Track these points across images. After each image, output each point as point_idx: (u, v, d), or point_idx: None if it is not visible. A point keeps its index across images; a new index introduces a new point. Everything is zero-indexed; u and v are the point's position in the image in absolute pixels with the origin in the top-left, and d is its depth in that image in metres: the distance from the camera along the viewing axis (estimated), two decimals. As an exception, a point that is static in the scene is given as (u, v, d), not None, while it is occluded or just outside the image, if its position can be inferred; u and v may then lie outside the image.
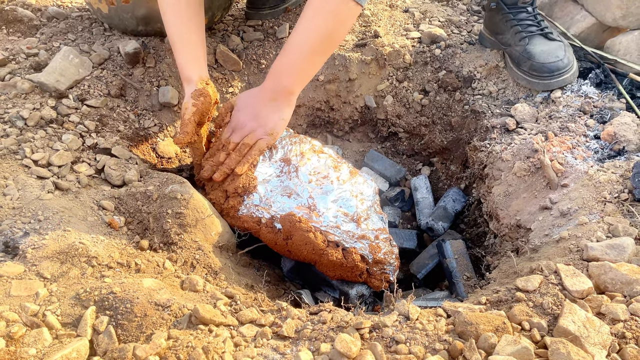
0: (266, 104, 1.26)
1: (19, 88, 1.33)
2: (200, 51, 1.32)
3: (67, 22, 1.64)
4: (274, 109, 1.26)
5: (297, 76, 1.24)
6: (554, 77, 1.48)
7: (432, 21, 1.87)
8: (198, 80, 1.28)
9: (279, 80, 1.24)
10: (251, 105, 1.28)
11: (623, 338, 0.76)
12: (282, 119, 1.27)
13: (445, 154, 1.78)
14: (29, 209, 1.02)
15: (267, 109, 1.26)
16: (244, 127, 1.27)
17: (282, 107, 1.26)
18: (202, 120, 1.27)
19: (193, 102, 1.24)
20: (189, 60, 1.29)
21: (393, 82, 1.75)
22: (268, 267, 1.35)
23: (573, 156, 1.26)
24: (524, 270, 0.97)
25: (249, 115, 1.27)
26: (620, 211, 1.06)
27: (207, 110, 1.28)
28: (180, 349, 0.76)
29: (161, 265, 1.02)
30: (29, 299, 0.83)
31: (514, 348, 0.73)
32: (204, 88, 1.27)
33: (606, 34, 1.70)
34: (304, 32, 1.19)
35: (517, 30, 1.54)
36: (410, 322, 0.83)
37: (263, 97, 1.27)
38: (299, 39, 1.20)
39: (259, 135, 1.26)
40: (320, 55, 1.23)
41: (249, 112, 1.28)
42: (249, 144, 1.26)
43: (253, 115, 1.27)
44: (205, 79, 1.30)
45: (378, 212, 1.31)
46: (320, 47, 1.20)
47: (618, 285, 0.85)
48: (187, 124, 1.23)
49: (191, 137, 1.23)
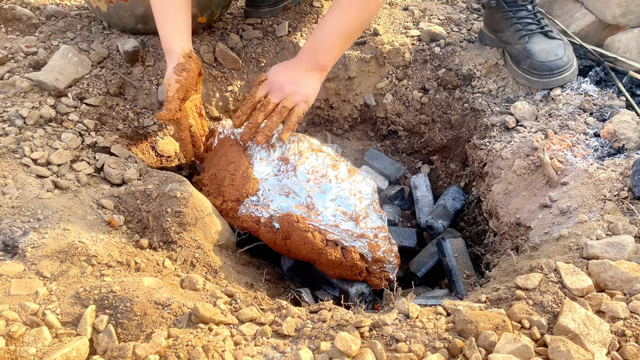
0: (302, 72, 1.32)
1: (18, 87, 1.33)
2: (183, 22, 1.30)
3: (66, 21, 1.64)
4: (310, 79, 1.32)
5: (330, 54, 1.33)
6: (554, 75, 1.48)
7: (432, 19, 1.87)
8: (180, 53, 1.26)
9: (315, 56, 1.32)
10: (288, 72, 1.32)
11: (623, 336, 0.76)
12: (315, 90, 1.34)
13: (445, 152, 1.78)
14: (29, 208, 1.02)
15: (304, 77, 1.32)
16: (283, 88, 1.29)
17: (315, 79, 1.33)
18: (186, 96, 1.26)
19: (176, 78, 1.22)
20: (171, 32, 1.28)
21: (393, 80, 1.74)
22: (268, 265, 1.35)
23: (573, 154, 1.26)
24: (524, 269, 0.97)
25: (288, 79, 1.30)
26: (620, 209, 1.06)
27: (191, 85, 1.27)
28: (180, 347, 0.76)
29: (161, 264, 1.02)
30: (29, 298, 0.83)
31: (513, 346, 0.73)
32: (187, 62, 1.25)
33: (606, 31, 1.70)
34: (339, 18, 1.29)
35: (516, 28, 1.54)
36: (410, 320, 0.83)
37: (299, 67, 1.33)
38: (335, 24, 1.30)
39: (298, 100, 1.29)
40: (351, 39, 1.37)
41: (287, 76, 1.31)
42: (288, 107, 1.28)
43: (292, 79, 1.30)
44: (188, 51, 1.28)
45: (377, 211, 1.31)
46: (351, 32, 1.33)
47: (618, 283, 0.85)
48: (171, 101, 1.21)
49: (174, 114, 1.21)
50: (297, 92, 1.29)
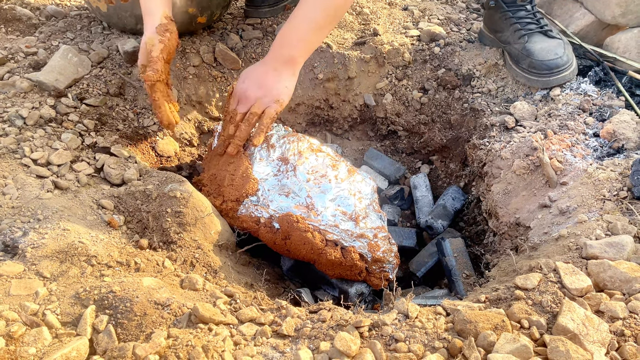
0: (270, 73, 1.27)
1: (18, 87, 1.33)
2: None
3: (66, 21, 1.64)
4: (277, 78, 1.26)
5: (302, 47, 1.27)
6: (553, 74, 1.48)
7: (432, 19, 1.87)
8: (162, 15, 1.24)
9: (284, 50, 1.26)
10: (254, 76, 1.28)
11: (622, 336, 0.76)
12: (287, 87, 1.27)
13: (444, 152, 1.78)
14: (28, 208, 1.02)
15: (271, 78, 1.26)
16: (248, 96, 1.27)
17: (285, 76, 1.27)
18: (168, 58, 1.25)
19: (160, 39, 1.22)
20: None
21: (392, 80, 1.74)
22: (267, 265, 1.35)
23: (572, 154, 1.26)
24: (523, 269, 0.97)
25: (253, 85, 1.27)
26: (619, 209, 1.06)
27: (173, 47, 1.26)
28: (180, 347, 0.76)
29: (161, 264, 1.02)
30: (29, 298, 0.83)
31: (513, 346, 0.73)
32: (169, 23, 1.24)
33: (605, 31, 1.70)
34: (312, 7, 1.23)
35: (516, 28, 1.54)
36: (409, 320, 0.83)
37: (266, 68, 1.27)
38: (306, 13, 1.24)
39: (266, 103, 1.26)
40: (326, 29, 1.29)
41: (252, 82, 1.27)
42: (257, 113, 1.26)
43: (257, 84, 1.26)
44: (169, 16, 1.27)
45: (377, 211, 1.31)
46: (326, 21, 1.26)
47: (617, 283, 0.86)
48: (157, 62, 1.20)
49: (160, 75, 1.21)
50: (264, 96, 1.25)
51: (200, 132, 1.65)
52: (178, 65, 1.59)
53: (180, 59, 1.60)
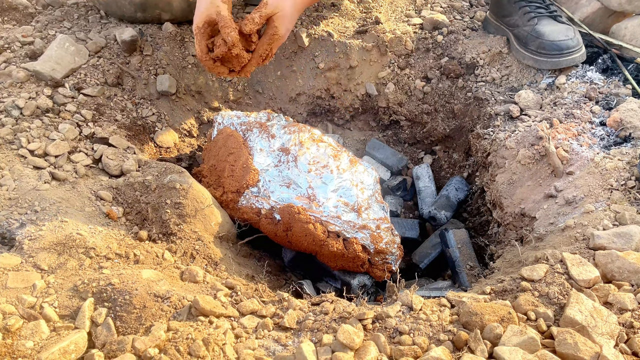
0: None
1: (15, 77, 1.31)
2: None
3: (63, 10, 1.61)
4: None
5: None
6: (564, 55, 1.45)
7: (434, 7, 1.84)
8: None
9: None
10: None
11: (631, 327, 0.75)
12: None
13: (447, 142, 1.76)
14: (26, 200, 1.00)
15: None
16: None
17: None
18: None
19: None
20: None
21: (394, 69, 1.72)
22: (269, 257, 1.34)
23: (578, 143, 1.24)
24: (529, 260, 0.96)
25: None
26: (627, 199, 1.04)
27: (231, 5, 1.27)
28: (180, 341, 0.75)
29: (160, 256, 1.01)
30: (26, 290, 0.82)
31: (520, 338, 0.72)
32: None
33: (611, 19, 1.67)
34: None
35: (526, 10, 1.51)
36: (413, 312, 0.82)
37: None
38: None
39: None
40: None
41: None
42: None
43: None
44: None
45: (379, 202, 1.29)
46: None
47: (625, 274, 0.84)
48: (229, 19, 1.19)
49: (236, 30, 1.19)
50: None
51: (199, 122, 1.63)
52: (177, 54, 1.57)
53: (179, 49, 1.57)
